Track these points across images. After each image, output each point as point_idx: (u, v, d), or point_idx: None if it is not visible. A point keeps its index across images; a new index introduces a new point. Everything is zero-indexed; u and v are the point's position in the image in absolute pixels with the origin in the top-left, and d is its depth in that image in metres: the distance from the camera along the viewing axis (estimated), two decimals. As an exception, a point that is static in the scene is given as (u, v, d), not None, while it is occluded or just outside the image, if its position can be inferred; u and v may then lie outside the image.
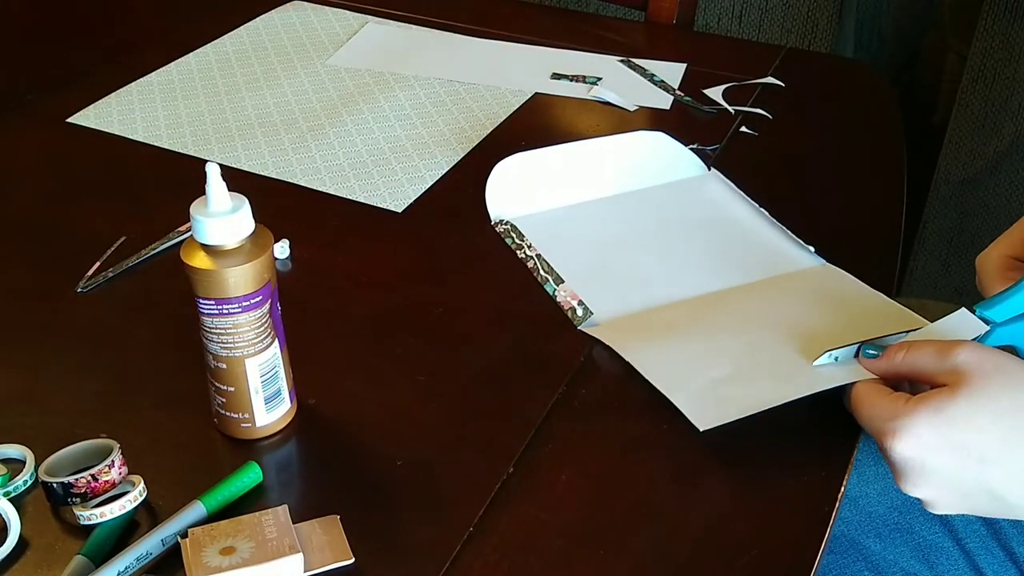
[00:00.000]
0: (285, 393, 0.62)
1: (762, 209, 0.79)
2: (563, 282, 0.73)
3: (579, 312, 0.70)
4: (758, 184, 0.85)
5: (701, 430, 0.59)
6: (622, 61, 1.05)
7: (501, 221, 0.79)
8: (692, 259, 0.76)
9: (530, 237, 0.77)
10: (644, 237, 0.78)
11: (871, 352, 0.61)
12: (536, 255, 0.75)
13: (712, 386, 0.62)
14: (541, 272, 0.74)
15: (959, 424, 0.53)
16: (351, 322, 0.71)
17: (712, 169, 0.84)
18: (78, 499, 0.55)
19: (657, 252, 0.76)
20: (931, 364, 0.56)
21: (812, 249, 0.75)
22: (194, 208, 0.56)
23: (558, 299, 0.72)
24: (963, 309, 0.61)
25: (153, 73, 1.03)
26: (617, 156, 0.84)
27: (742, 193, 0.82)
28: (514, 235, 0.78)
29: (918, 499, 0.57)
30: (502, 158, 0.82)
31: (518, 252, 0.77)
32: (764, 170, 0.85)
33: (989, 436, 0.53)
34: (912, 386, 0.59)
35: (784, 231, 0.77)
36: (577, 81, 1.02)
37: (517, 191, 0.81)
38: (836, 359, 0.62)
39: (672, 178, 0.84)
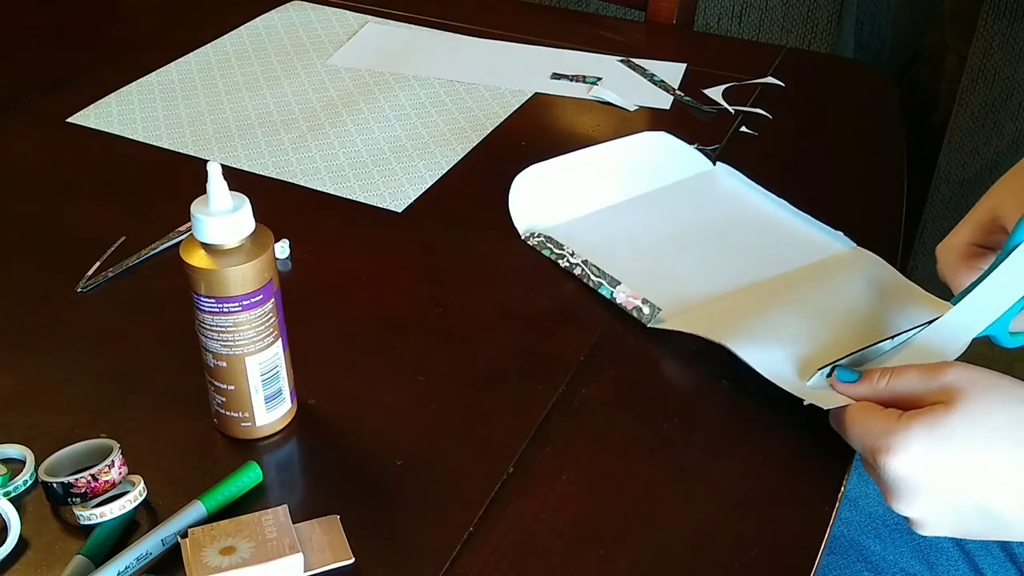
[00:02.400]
0: (286, 393, 0.62)
1: (775, 196, 0.80)
2: (619, 284, 0.72)
3: (645, 310, 0.70)
4: (758, 184, 0.85)
5: (826, 409, 0.59)
6: (622, 61, 1.05)
7: (532, 234, 0.78)
8: (730, 252, 0.76)
9: (569, 245, 0.76)
10: (676, 235, 0.78)
11: (847, 377, 0.59)
12: (582, 261, 0.74)
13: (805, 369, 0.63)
14: (592, 278, 0.73)
15: (956, 440, 0.52)
16: (351, 322, 0.71)
17: (719, 163, 0.85)
18: (78, 499, 0.55)
19: (694, 248, 0.77)
20: (919, 386, 0.55)
21: (842, 233, 0.75)
22: (195, 207, 0.56)
23: (618, 301, 0.71)
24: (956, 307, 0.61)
25: (153, 73, 1.03)
26: (627, 158, 0.84)
27: (752, 182, 0.82)
28: (551, 245, 0.76)
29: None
30: (502, 158, 0.82)
31: (560, 262, 0.75)
32: (764, 170, 0.85)
33: (986, 452, 0.52)
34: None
35: (807, 217, 0.78)
36: (577, 81, 1.02)
37: (540, 202, 0.80)
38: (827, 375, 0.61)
39: (684, 175, 0.84)
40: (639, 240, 0.78)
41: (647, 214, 0.80)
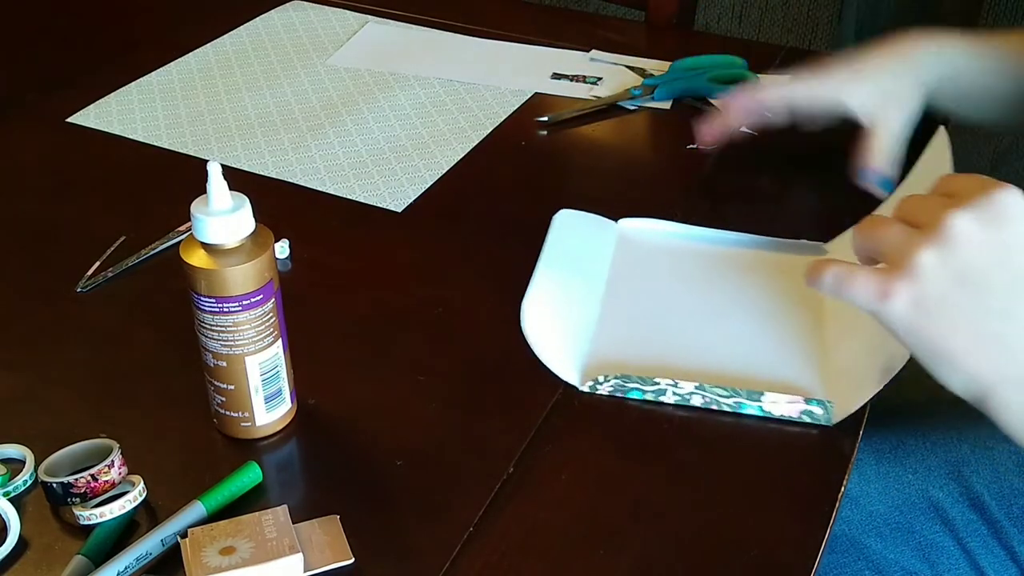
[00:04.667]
0: (286, 393, 0.62)
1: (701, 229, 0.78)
2: (761, 393, 0.63)
3: (819, 411, 0.62)
4: (758, 184, 0.85)
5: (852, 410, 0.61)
6: (622, 62, 1.05)
7: (599, 380, 0.65)
8: (730, 296, 0.73)
9: (647, 371, 0.65)
10: (675, 305, 0.72)
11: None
12: (696, 387, 0.63)
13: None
14: (723, 400, 0.63)
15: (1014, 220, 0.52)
16: (351, 322, 0.71)
17: (620, 221, 0.79)
18: (78, 499, 0.55)
19: (705, 313, 0.71)
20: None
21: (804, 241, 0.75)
22: (195, 207, 0.56)
23: (776, 414, 0.62)
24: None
25: (153, 73, 1.03)
26: (570, 253, 0.76)
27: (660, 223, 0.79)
28: (638, 383, 0.64)
29: (933, 347, 0.55)
30: (502, 158, 0.82)
31: (664, 399, 0.64)
32: (764, 170, 0.85)
33: None
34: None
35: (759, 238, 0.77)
36: (577, 81, 1.02)
37: (562, 337, 0.69)
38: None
39: (612, 246, 0.77)
40: (668, 331, 0.69)
41: (633, 302, 0.72)
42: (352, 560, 0.54)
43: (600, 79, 1.02)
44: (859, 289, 0.55)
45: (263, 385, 0.60)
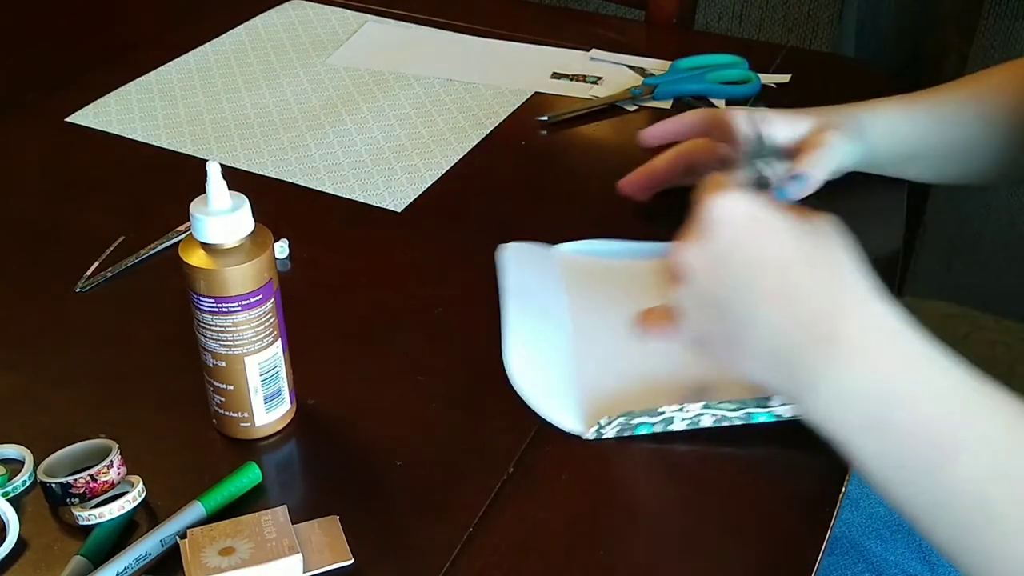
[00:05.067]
0: (285, 393, 0.62)
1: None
2: (768, 399, 0.60)
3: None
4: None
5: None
6: (622, 61, 1.05)
7: (603, 423, 0.62)
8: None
9: (645, 400, 0.63)
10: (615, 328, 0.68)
11: None
12: (703, 406, 0.61)
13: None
14: (730, 414, 0.60)
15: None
16: (351, 322, 0.71)
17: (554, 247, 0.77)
18: (77, 499, 0.55)
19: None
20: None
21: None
22: (194, 206, 0.56)
23: (787, 415, 0.60)
24: None
25: (152, 72, 1.03)
26: (526, 287, 0.73)
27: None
28: (646, 417, 0.61)
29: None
30: (502, 158, 0.82)
31: (673, 427, 0.61)
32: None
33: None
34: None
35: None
36: (577, 81, 1.02)
37: (553, 383, 0.66)
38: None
39: (558, 271, 0.75)
40: (645, 353, 0.66)
41: (601, 332, 0.69)
42: (352, 561, 0.53)
43: (600, 79, 1.02)
44: (649, 323, 0.59)
45: (262, 385, 0.60)
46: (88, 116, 0.96)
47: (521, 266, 0.74)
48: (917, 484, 0.48)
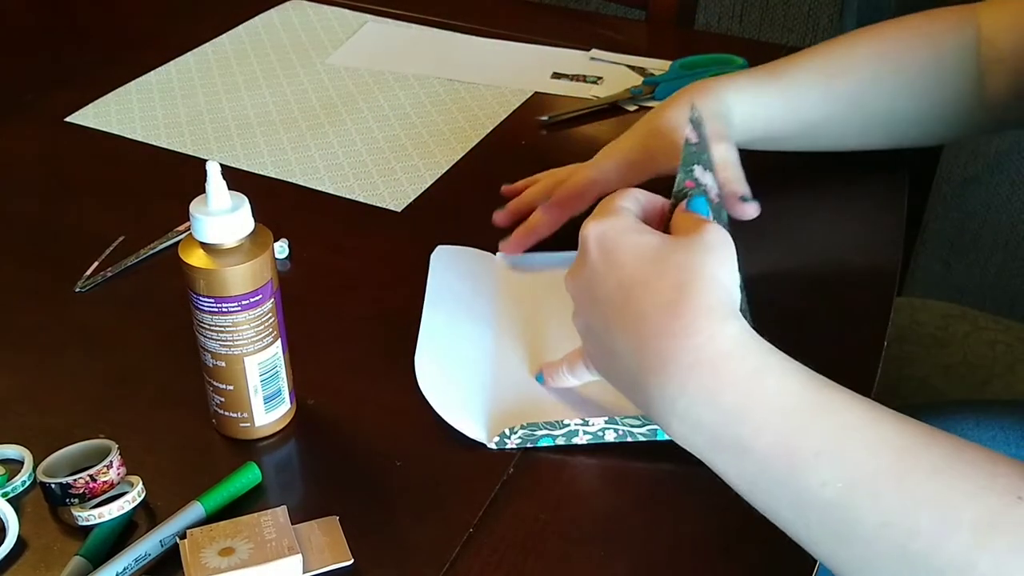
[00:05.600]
0: (285, 393, 0.62)
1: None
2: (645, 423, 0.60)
3: None
4: (757, 184, 0.85)
5: None
6: (622, 60, 1.05)
7: (506, 433, 0.61)
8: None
9: (556, 413, 0.63)
10: (563, 337, 0.67)
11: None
12: (605, 421, 0.61)
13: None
14: (636, 430, 0.60)
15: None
16: (351, 322, 0.71)
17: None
18: (76, 500, 0.55)
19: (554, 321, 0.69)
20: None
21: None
22: (194, 206, 0.56)
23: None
24: None
25: (152, 72, 1.03)
26: (454, 292, 0.73)
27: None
28: (548, 429, 0.61)
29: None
30: (502, 158, 0.82)
31: (576, 440, 0.61)
32: (764, 170, 0.85)
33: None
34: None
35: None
36: (577, 80, 1.02)
37: (462, 390, 0.65)
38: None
39: (482, 274, 0.75)
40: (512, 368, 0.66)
41: (524, 341, 0.69)
42: (351, 561, 0.53)
43: (600, 78, 1.02)
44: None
45: (262, 385, 0.60)
46: (88, 116, 0.96)
47: (450, 271, 0.74)
48: (779, 498, 0.47)
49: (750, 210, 0.68)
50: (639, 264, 0.52)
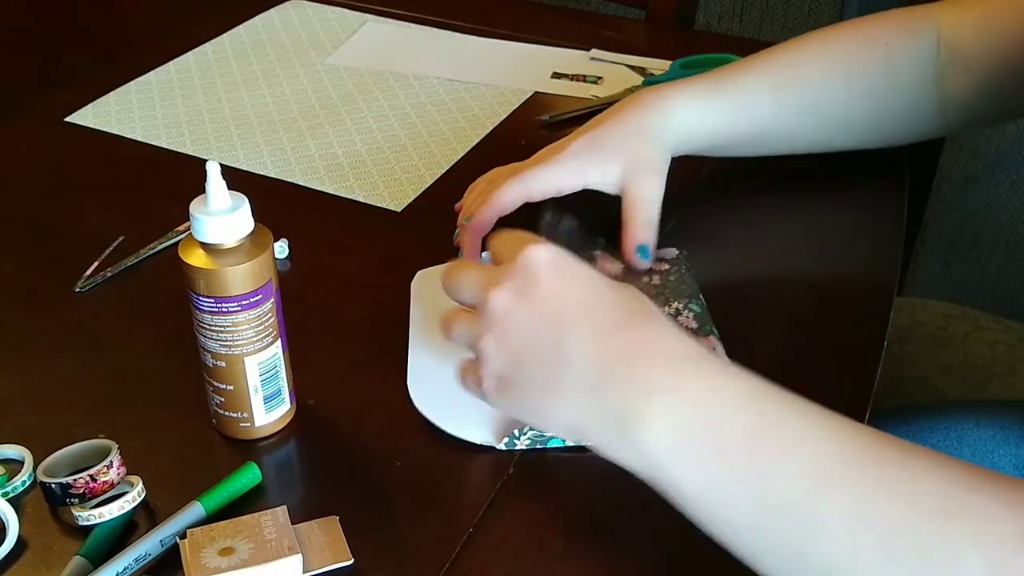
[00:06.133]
0: (285, 393, 0.62)
1: None
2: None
3: None
4: (757, 184, 0.85)
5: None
6: (622, 60, 1.05)
7: (516, 434, 0.61)
8: None
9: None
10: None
11: None
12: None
13: None
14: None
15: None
16: (351, 322, 0.71)
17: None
18: (76, 500, 0.55)
19: None
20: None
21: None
22: (194, 206, 0.56)
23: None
24: None
25: (151, 72, 1.03)
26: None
27: None
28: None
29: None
30: (502, 158, 0.81)
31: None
32: (764, 169, 0.85)
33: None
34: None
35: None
36: (577, 80, 1.02)
37: (460, 405, 0.63)
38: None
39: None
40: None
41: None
42: (351, 561, 0.53)
43: (600, 78, 1.02)
44: (466, 378, 0.57)
45: (262, 385, 0.60)
46: (87, 116, 0.96)
47: (434, 292, 0.71)
48: (740, 500, 0.47)
49: (640, 263, 0.70)
50: (598, 286, 0.53)
